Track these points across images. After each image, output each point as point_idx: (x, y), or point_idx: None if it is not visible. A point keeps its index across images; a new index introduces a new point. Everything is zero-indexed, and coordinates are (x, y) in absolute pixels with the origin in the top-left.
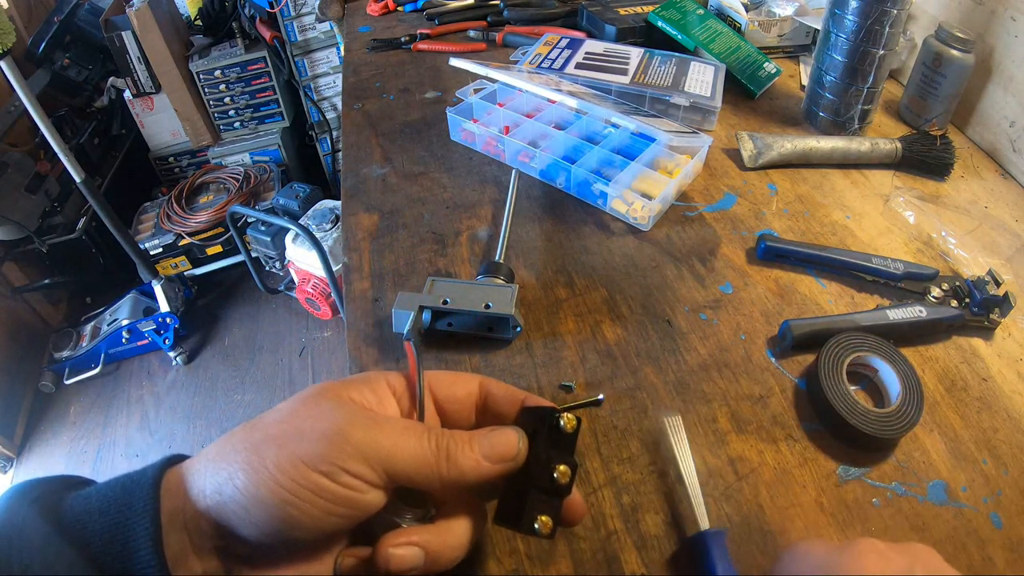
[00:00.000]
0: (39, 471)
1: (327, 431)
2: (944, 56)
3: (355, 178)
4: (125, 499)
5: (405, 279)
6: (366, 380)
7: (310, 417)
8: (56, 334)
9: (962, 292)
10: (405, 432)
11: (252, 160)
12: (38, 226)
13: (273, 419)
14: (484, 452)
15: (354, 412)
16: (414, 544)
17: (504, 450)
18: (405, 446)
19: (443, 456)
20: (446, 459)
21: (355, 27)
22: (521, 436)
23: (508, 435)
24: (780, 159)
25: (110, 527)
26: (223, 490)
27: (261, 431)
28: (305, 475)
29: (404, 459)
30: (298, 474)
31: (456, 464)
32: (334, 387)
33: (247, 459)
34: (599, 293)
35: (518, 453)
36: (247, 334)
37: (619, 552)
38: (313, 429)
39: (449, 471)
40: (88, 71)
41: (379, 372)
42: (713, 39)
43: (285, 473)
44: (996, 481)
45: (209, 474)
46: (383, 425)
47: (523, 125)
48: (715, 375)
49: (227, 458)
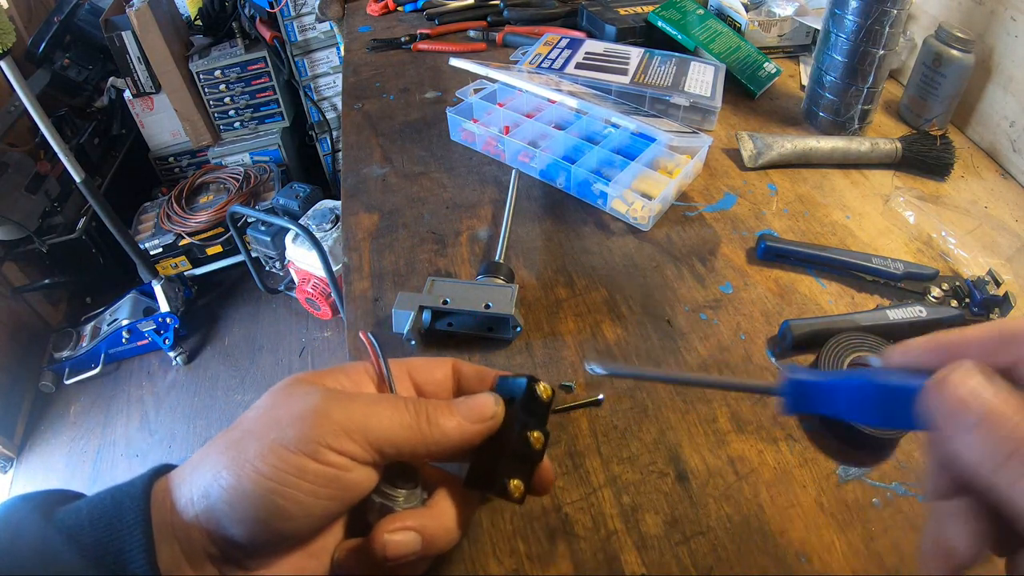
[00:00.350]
0: (39, 471)
1: (304, 412)
2: (944, 56)
3: (355, 178)
4: (115, 511)
5: (405, 279)
6: (342, 368)
7: (286, 404)
8: (56, 334)
9: (962, 292)
10: (383, 402)
11: (252, 160)
12: (38, 226)
13: (251, 415)
14: (463, 414)
15: (330, 391)
16: (410, 528)
17: (482, 410)
18: (385, 414)
19: (424, 419)
20: (427, 422)
21: (355, 27)
22: (496, 398)
23: (484, 398)
24: (780, 159)
25: (100, 541)
26: (209, 493)
27: (240, 429)
28: (287, 459)
29: (386, 427)
30: (280, 460)
31: (438, 425)
32: (308, 376)
33: (230, 456)
34: (599, 293)
35: (495, 413)
36: (247, 334)
37: (619, 552)
38: (290, 414)
39: (431, 432)
40: (88, 71)
41: (356, 362)
42: (713, 39)
43: (267, 462)
44: None
45: (195, 481)
46: (360, 398)
47: (523, 125)
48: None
49: (210, 461)
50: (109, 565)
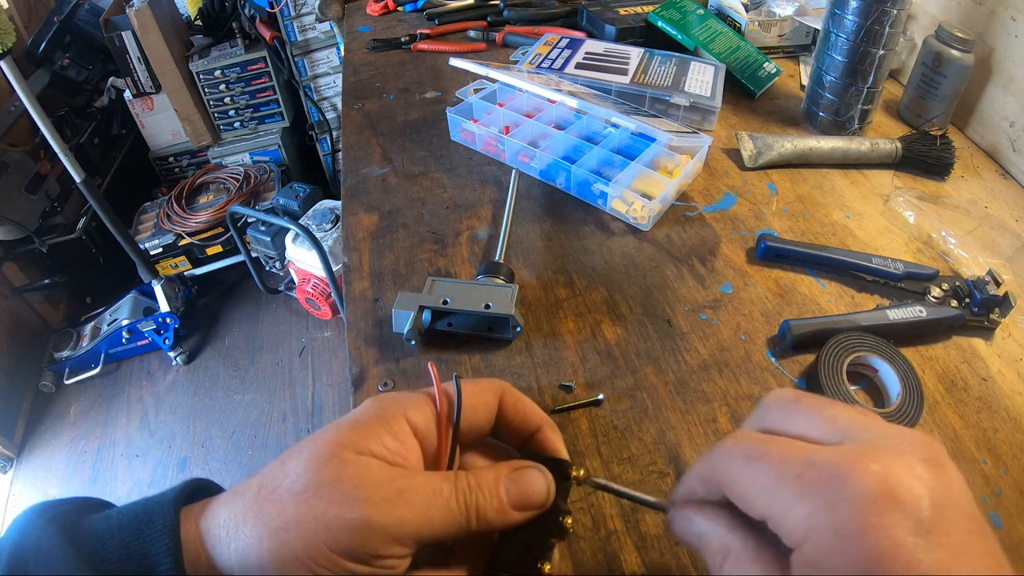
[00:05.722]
0: (39, 471)
1: (354, 522)
2: (944, 56)
3: (355, 178)
4: (145, 517)
5: (405, 279)
6: (384, 421)
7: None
8: (56, 334)
9: (962, 292)
10: (432, 500)
11: (252, 160)
12: (38, 226)
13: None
14: (512, 501)
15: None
16: None
17: (533, 498)
18: (433, 517)
19: (472, 515)
20: (475, 517)
21: (355, 27)
22: (549, 481)
23: (536, 480)
24: (780, 159)
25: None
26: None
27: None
28: (339, 565)
29: (433, 529)
30: (332, 564)
31: (485, 519)
32: (351, 441)
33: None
34: (599, 293)
35: (547, 500)
36: (247, 334)
37: (619, 552)
38: (339, 518)
39: (478, 526)
40: (88, 71)
41: (396, 404)
42: (713, 39)
43: (318, 563)
44: (996, 481)
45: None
46: (408, 498)
47: (523, 125)
48: (715, 375)
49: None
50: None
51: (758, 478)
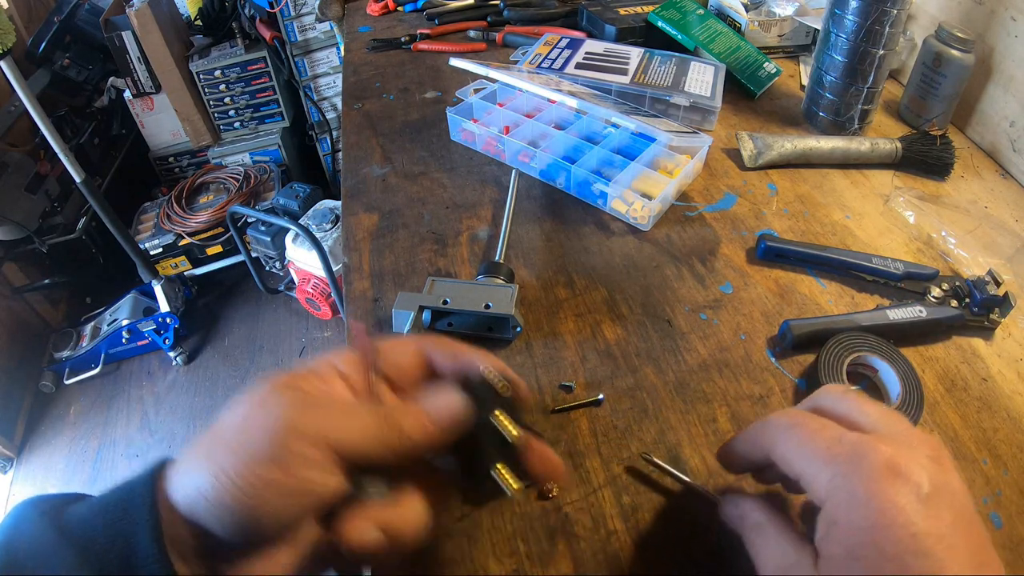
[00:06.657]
0: (39, 471)
1: (274, 427)
2: (944, 56)
3: (355, 178)
4: (127, 496)
5: (405, 279)
6: (314, 369)
7: (259, 416)
8: (56, 334)
9: (962, 292)
10: (350, 412)
11: (252, 160)
12: (38, 226)
13: (228, 422)
14: (432, 418)
15: (298, 401)
16: (370, 521)
17: (450, 414)
18: (352, 425)
19: (392, 428)
20: (395, 431)
21: (355, 27)
22: (465, 399)
23: (452, 400)
24: (780, 159)
25: (112, 522)
26: (195, 501)
27: (218, 438)
28: (260, 474)
29: (353, 438)
30: (254, 476)
31: (405, 434)
32: (283, 380)
33: (210, 470)
34: (599, 293)
35: (464, 416)
36: (247, 334)
37: (619, 552)
38: (262, 427)
39: (400, 442)
40: (88, 71)
41: (326, 357)
42: (713, 39)
43: (243, 478)
44: (996, 481)
45: (183, 485)
46: (328, 409)
47: (523, 125)
48: (715, 375)
49: (195, 469)
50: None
51: (797, 444)
